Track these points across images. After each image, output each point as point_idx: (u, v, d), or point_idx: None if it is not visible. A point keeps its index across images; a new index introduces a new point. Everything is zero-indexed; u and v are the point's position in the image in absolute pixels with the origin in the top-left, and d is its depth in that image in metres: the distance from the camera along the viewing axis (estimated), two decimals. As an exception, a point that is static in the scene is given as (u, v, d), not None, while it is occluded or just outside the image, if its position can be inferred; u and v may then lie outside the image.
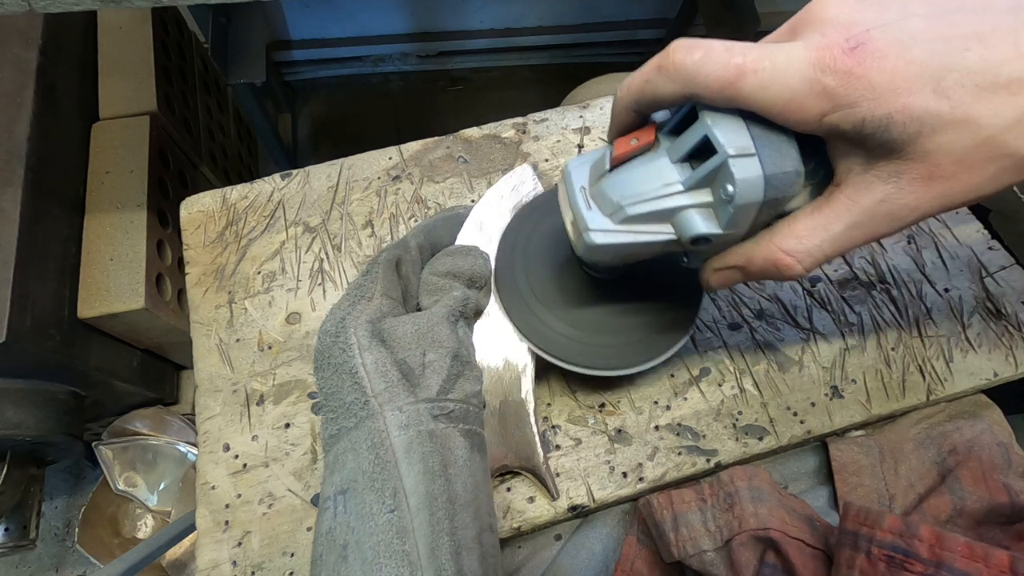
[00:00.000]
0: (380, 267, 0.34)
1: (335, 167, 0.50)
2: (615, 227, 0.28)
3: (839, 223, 0.26)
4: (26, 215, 0.72)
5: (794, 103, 0.23)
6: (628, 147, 0.28)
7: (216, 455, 0.40)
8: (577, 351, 0.37)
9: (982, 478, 0.37)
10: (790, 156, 0.25)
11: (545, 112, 0.52)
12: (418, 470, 0.28)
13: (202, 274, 0.46)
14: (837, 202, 0.26)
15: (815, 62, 0.23)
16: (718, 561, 0.34)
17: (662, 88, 0.26)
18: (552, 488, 0.38)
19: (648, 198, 0.27)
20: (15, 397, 0.77)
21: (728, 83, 0.24)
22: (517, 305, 0.38)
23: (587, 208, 0.29)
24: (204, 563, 0.37)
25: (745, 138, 0.25)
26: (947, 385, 0.42)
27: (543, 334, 0.37)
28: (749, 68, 0.23)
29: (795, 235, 0.27)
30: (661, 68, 0.25)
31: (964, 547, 0.27)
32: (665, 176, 0.27)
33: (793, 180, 0.26)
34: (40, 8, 0.47)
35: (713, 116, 0.25)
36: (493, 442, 0.37)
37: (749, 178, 0.25)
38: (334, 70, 1.55)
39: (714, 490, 0.36)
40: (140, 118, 0.92)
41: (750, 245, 0.29)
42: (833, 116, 0.23)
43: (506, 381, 0.38)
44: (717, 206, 0.27)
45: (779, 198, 0.26)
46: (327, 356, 0.31)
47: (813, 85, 0.23)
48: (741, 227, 0.27)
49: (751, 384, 0.42)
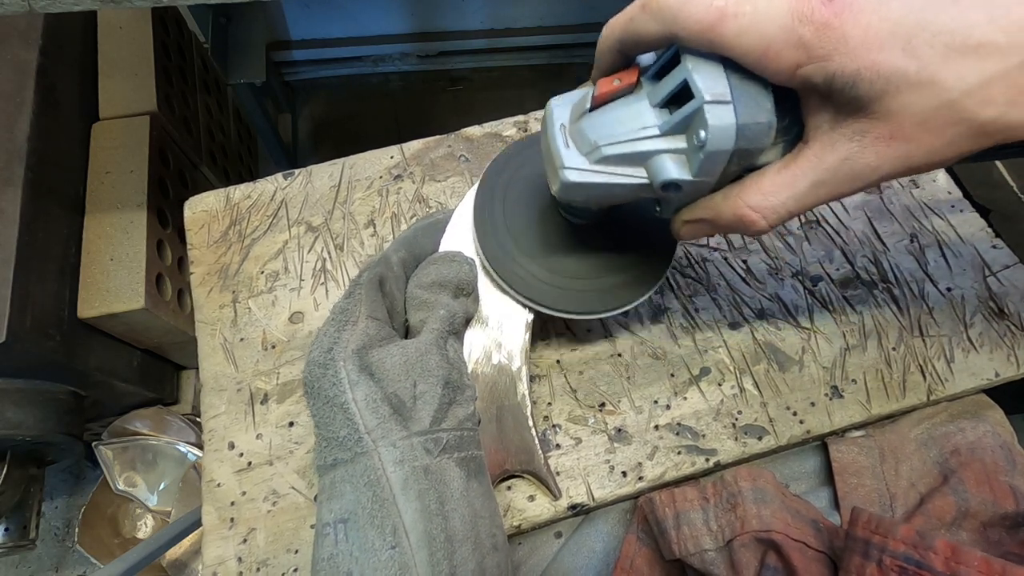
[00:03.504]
0: (363, 288, 0.33)
1: (337, 166, 0.50)
2: (590, 167, 0.28)
3: (804, 180, 0.26)
4: (26, 215, 0.72)
5: (771, 51, 0.23)
6: (610, 87, 0.28)
7: (221, 453, 0.40)
8: (552, 295, 0.37)
9: (986, 480, 0.38)
10: (764, 108, 0.25)
11: (546, 112, 0.52)
12: (415, 507, 0.27)
13: (206, 274, 0.46)
14: (804, 159, 0.26)
15: (794, 11, 0.23)
16: (719, 561, 0.34)
17: (645, 27, 0.26)
18: (554, 488, 0.38)
19: (624, 140, 0.28)
20: (15, 397, 0.77)
21: (709, 26, 0.24)
22: (496, 252, 0.37)
23: (565, 146, 0.29)
24: (210, 559, 0.37)
25: (723, 85, 0.25)
26: (948, 385, 0.42)
27: (523, 279, 0.37)
28: (730, 12, 0.23)
29: (761, 191, 0.27)
30: (645, 7, 0.26)
31: (981, 562, 0.26)
32: (643, 119, 0.27)
33: (765, 132, 0.26)
34: (40, 8, 0.47)
35: (695, 61, 0.25)
36: (493, 448, 0.37)
37: (721, 125, 0.25)
38: (334, 70, 1.55)
39: (717, 490, 0.36)
40: (140, 118, 0.92)
41: (719, 199, 0.29)
42: (807, 68, 0.24)
43: (501, 386, 0.38)
44: (690, 153, 0.27)
45: (750, 149, 0.26)
46: (317, 388, 0.30)
47: (790, 34, 0.23)
48: (711, 176, 0.27)
49: (751, 384, 0.42)
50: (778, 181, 0.27)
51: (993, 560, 0.26)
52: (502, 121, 0.52)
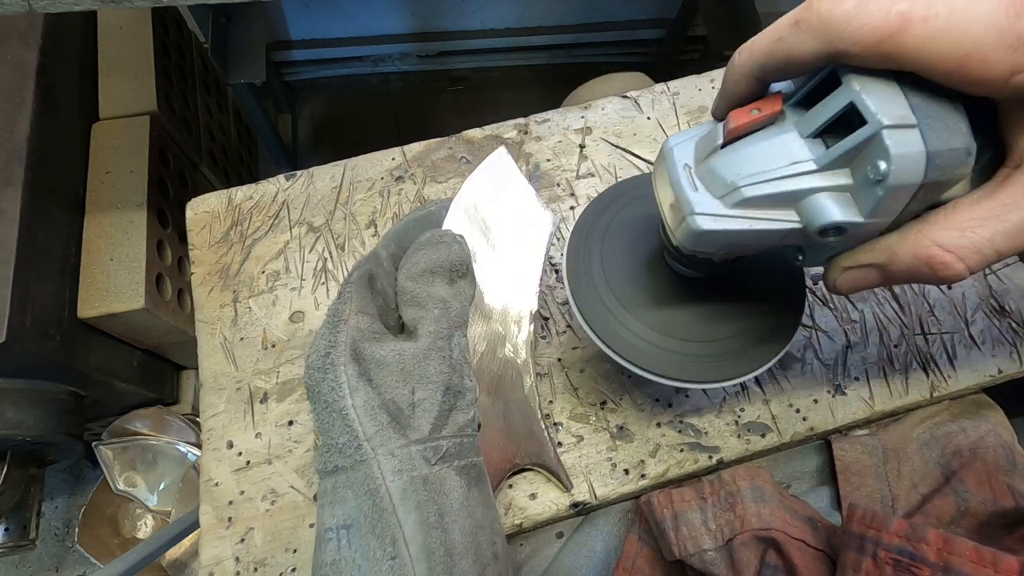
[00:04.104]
0: (352, 286, 0.32)
1: (339, 168, 0.50)
2: (726, 211, 0.24)
3: (1018, 212, 0.21)
4: (26, 215, 0.72)
5: (975, 57, 0.19)
6: (748, 118, 0.24)
7: (220, 452, 0.40)
8: (663, 360, 0.33)
9: (986, 480, 0.37)
10: (959, 130, 0.21)
11: (547, 113, 0.52)
12: (414, 519, 0.27)
13: (207, 274, 0.46)
14: (1016, 185, 0.21)
15: (1009, 3, 0.18)
16: (719, 560, 0.34)
17: (799, 47, 0.22)
18: (565, 480, 0.38)
19: (770, 178, 0.23)
20: (15, 397, 0.77)
21: (888, 35, 0.19)
22: (595, 308, 0.33)
23: (692, 189, 0.25)
24: (207, 559, 0.37)
25: (903, 106, 0.20)
26: (950, 382, 0.42)
27: (626, 340, 0.33)
28: (917, 15, 0.19)
29: (956, 226, 0.22)
30: (800, 22, 0.22)
31: (972, 551, 0.26)
32: (793, 153, 0.23)
33: (962, 159, 0.21)
34: (40, 8, 0.47)
35: (861, 80, 0.21)
36: (501, 442, 0.37)
37: (908, 154, 0.20)
38: (334, 70, 1.55)
39: (715, 489, 0.36)
40: (140, 118, 0.92)
41: (894, 239, 0.24)
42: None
43: (507, 380, 0.38)
44: (859, 189, 0.22)
45: (942, 181, 0.21)
46: (317, 392, 0.29)
47: (1004, 34, 0.18)
48: (887, 216, 0.23)
49: (753, 381, 0.42)
50: (979, 213, 0.22)
51: (983, 549, 0.26)
52: (503, 123, 0.52)
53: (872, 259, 0.25)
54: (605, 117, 0.52)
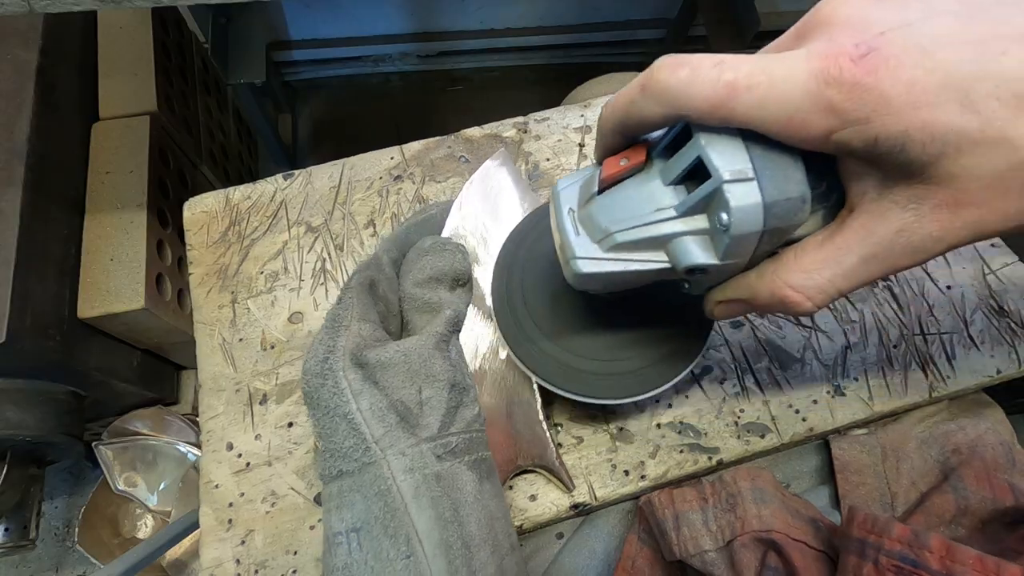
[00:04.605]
0: (353, 292, 0.32)
1: (337, 167, 0.50)
2: (603, 255, 0.26)
3: (852, 255, 0.23)
4: (26, 215, 0.72)
5: (796, 121, 0.21)
6: (617, 168, 0.26)
7: (219, 454, 0.40)
8: (574, 377, 0.35)
9: (985, 477, 0.37)
10: (794, 179, 0.23)
11: (546, 111, 0.52)
12: (429, 515, 0.27)
13: (205, 274, 0.46)
14: (850, 231, 0.23)
15: (818, 73, 0.20)
16: (719, 561, 0.34)
17: (648, 110, 0.24)
18: (567, 481, 0.38)
19: (639, 224, 0.25)
20: (15, 397, 0.77)
21: (719, 103, 0.21)
22: (514, 332, 0.36)
23: (575, 233, 0.27)
24: (208, 561, 0.37)
25: (743, 160, 0.22)
26: (950, 382, 0.42)
27: (541, 362, 0.35)
28: (742, 85, 0.21)
29: (803, 268, 0.24)
30: (645, 88, 0.23)
31: (975, 560, 0.26)
32: (657, 200, 0.25)
33: (798, 207, 0.23)
34: (40, 8, 0.47)
35: (708, 136, 0.23)
36: (504, 443, 0.37)
37: (746, 205, 0.22)
38: (334, 70, 1.55)
39: (716, 490, 0.36)
40: (140, 118, 0.92)
41: (753, 277, 0.27)
42: (842, 133, 0.21)
43: (510, 381, 0.38)
44: (713, 234, 0.24)
45: (782, 227, 0.23)
46: (316, 398, 0.29)
47: (817, 100, 0.20)
48: (741, 257, 0.25)
49: (752, 382, 0.42)
50: (821, 256, 0.24)
51: (987, 558, 0.26)
52: (502, 122, 0.52)
53: (737, 295, 0.28)
54: (604, 117, 0.52)
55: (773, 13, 1.39)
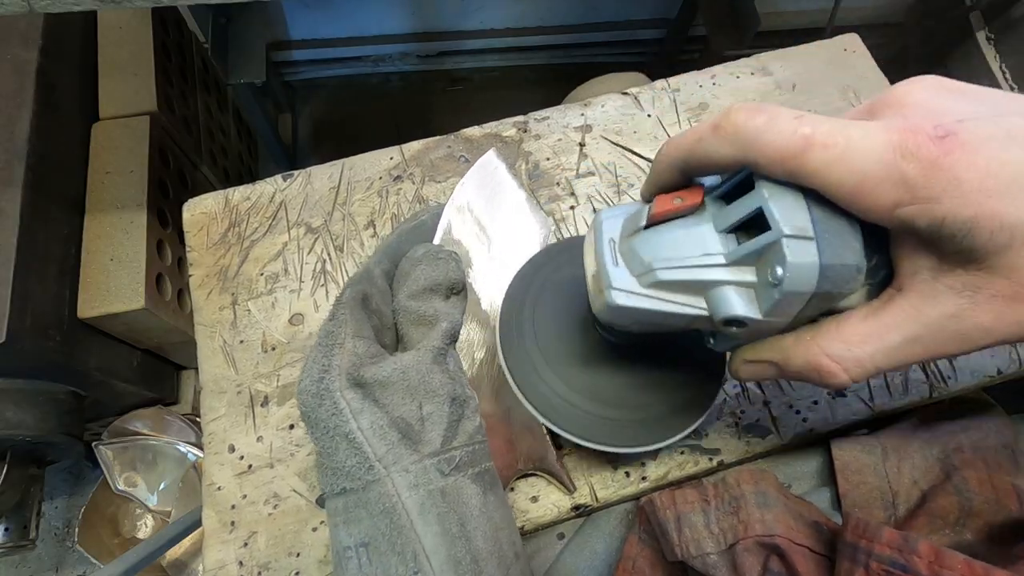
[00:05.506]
0: (346, 307, 0.31)
1: (336, 167, 0.50)
2: (641, 290, 0.26)
3: (897, 334, 0.23)
4: (26, 215, 0.72)
5: (866, 187, 0.21)
6: (670, 206, 0.25)
7: (221, 456, 0.40)
8: (580, 421, 0.34)
9: (988, 480, 0.37)
10: (852, 248, 0.22)
11: (546, 111, 0.52)
12: (435, 531, 0.27)
13: (205, 276, 0.46)
14: (898, 309, 0.23)
15: (897, 145, 0.20)
16: (721, 564, 0.34)
17: (716, 151, 0.24)
18: (568, 483, 0.38)
19: (683, 265, 0.25)
20: (15, 397, 0.77)
21: (792, 155, 0.21)
22: (522, 363, 0.35)
23: (613, 264, 0.26)
24: (211, 563, 0.37)
25: (804, 219, 0.22)
26: (950, 383, 0.42)
27: (547, 398, 0.34)
28: (819, 141, 0.21)
29: (843, 339, 0.24)
30: (718, 129, 0.23)
31: (963, 564, 0.26)
32: (707, 245, 0.25)
33: (852, 275, 0.23)
34: (40, 8, 0.47)
35: (771, 188, 0.23)
36: (504, 448, 0.37)
37: (802, 263, 0.22)
38: (334, 70, 1.55)
39: (718, 492, 0.36)
40: (140, 118, 0.92)
41: (790, 341, 0.26)
42: (909, 209, 0.21)
43: (508, 386, 0.38)
44: (760, 288, 0.24)
45: (832, 292, 0.23)
46: (314, 419, 0.29)
47: (891, 170, 0.20)
48: (784, 317, 0.24)
49: (753, 383, 0.42)
50: (864, 330, 0.24)
51: (975, 563, 0.26)
52: (502, 122, 0.52)
53: (770, 356, 0.27)
54: (605, 115, 0.52)
55: (773, 13, 1.39)
